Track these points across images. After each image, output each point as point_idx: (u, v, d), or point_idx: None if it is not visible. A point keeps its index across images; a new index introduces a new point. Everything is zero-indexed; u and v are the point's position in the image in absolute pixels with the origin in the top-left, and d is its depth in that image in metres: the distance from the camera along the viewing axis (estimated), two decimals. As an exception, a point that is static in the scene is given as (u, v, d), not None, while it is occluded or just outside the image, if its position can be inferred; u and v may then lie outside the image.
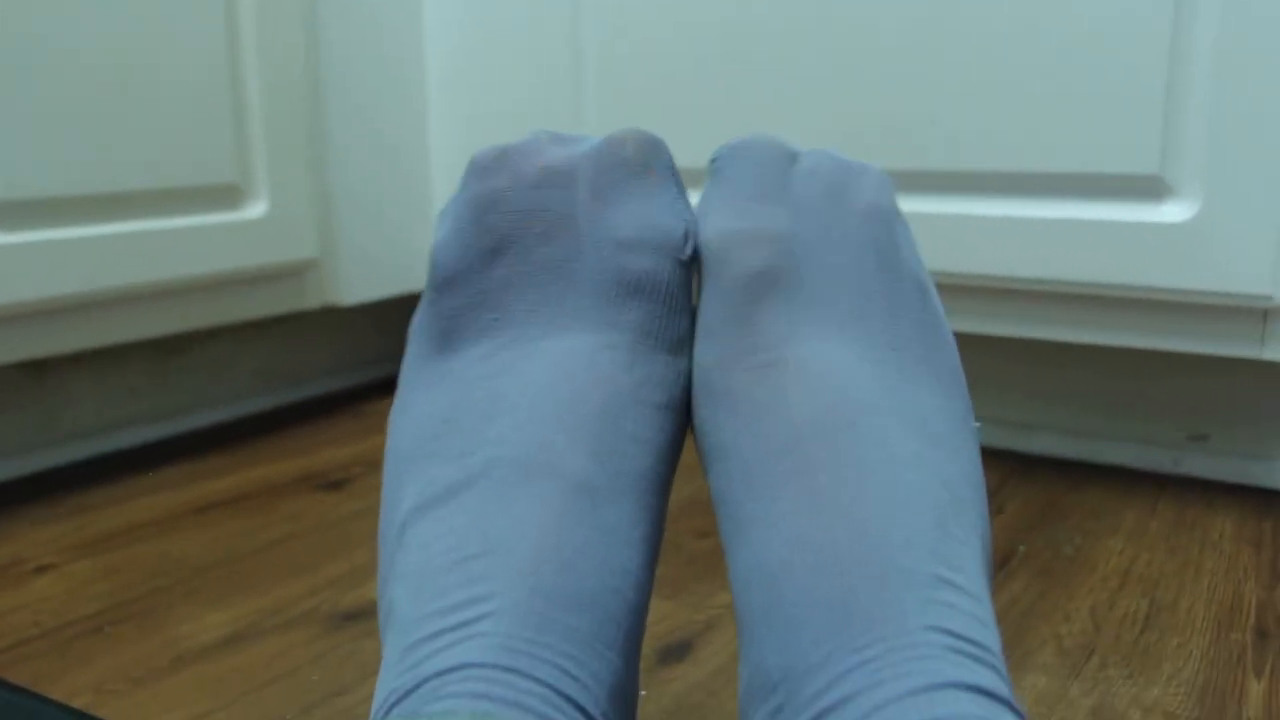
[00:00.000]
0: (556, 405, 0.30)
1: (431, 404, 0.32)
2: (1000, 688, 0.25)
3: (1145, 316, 0.65)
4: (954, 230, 0.68)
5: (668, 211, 0.33)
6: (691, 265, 0.34)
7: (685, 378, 0.33)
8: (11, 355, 0.70)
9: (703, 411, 0.32)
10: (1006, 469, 0.75)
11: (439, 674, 0.26)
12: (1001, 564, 0.59)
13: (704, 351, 0.32)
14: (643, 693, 0.46)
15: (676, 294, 0.33)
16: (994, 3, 0.64)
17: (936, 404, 0.31)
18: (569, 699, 0.26)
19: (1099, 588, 0.56)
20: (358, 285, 0.90)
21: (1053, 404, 0.78)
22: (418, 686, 0.26)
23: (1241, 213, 0.60)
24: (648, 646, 0.50)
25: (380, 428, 0.87)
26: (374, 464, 0.78)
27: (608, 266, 0.32)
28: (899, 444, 0.29)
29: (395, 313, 1.06)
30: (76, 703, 0.46)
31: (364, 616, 0.54)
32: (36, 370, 0.79)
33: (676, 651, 0.50)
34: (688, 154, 0.78)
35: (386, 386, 1.01)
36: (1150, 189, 0.62)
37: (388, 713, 0.26)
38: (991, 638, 0.27)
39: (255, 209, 0.80)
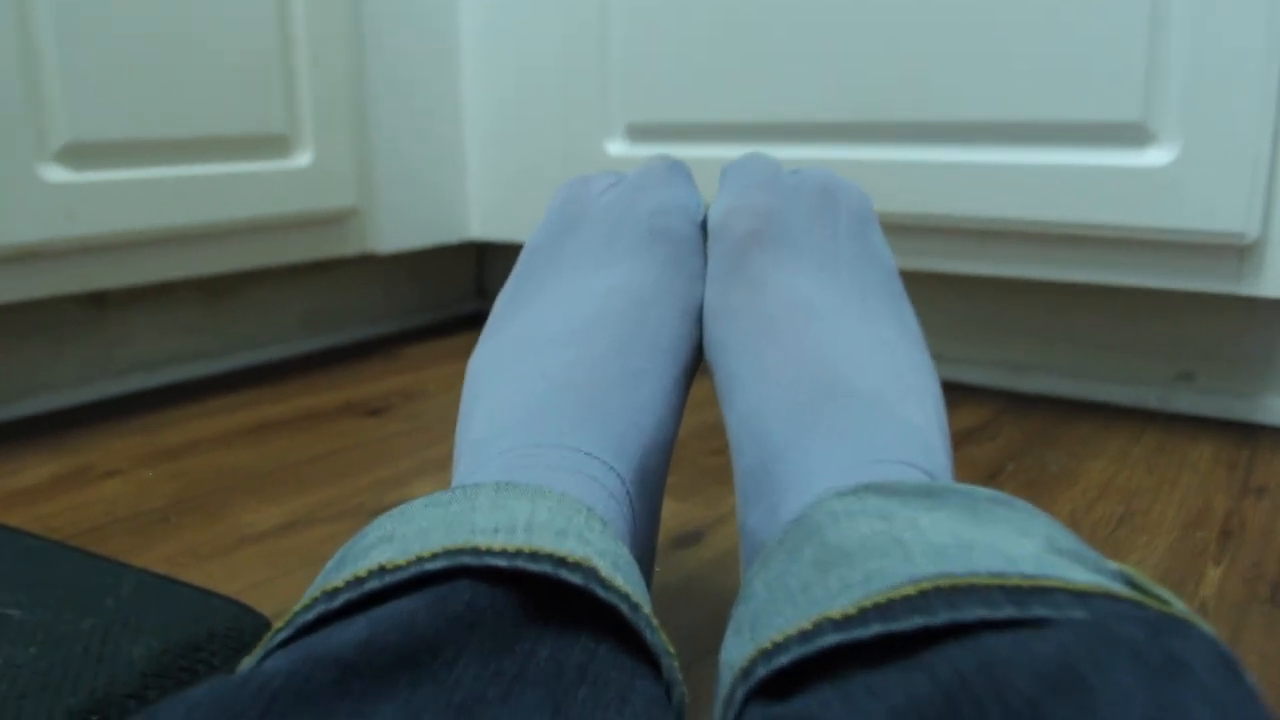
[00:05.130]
0: (604, 309, 0.40)
1: (514, 326, 0.41)
2: (927, 467, 0.31)
3: (1131, 256, 0.70)
4: (952, 176, 0.73)
5: (685, 194, 0.44)
6: (702, 230, 0.44)
7: (700, 300, 0.42)
8: (75, 287, 0.75)
9: (708, 329, 0.40)
10: (1001, 404, 0.80)
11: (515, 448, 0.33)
12: (990, 477, 0.64)
13: (710, 291, 0.41)
14: (657, 568, 0.51)
15: (693, 240, 0.43)
16: (993, -39, 0.69)
17: (894, 335, 0.38)
18: (604, 462, 0.33)
19: (1079, 498, 0.61)
20: (394, 235, 0.95)
21: (1047, 345, 0.83)
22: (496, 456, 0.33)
23: (1219, 156, 0.64)
24: (665, 535, 0.55)
25: (414, 369, 0.93)
26: (410, 395, 0.84)
27: (643, 222, 0.43)
28: (857, 329, 0.37)
29: (429, 263, 1.11)
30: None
31: (406, 511, 0.59)
32: (98, 304, 0.85)
33: (690, 539, 0.55)
34: (707, 106, 0.83)
35: (420, 334, 1.07)
36: (1133, 135, 0.67)
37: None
38: (927, 447, 0.33)
39: (301, 158, 0.85)
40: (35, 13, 0.69)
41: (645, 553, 0.35)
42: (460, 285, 1.17)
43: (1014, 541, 0.24)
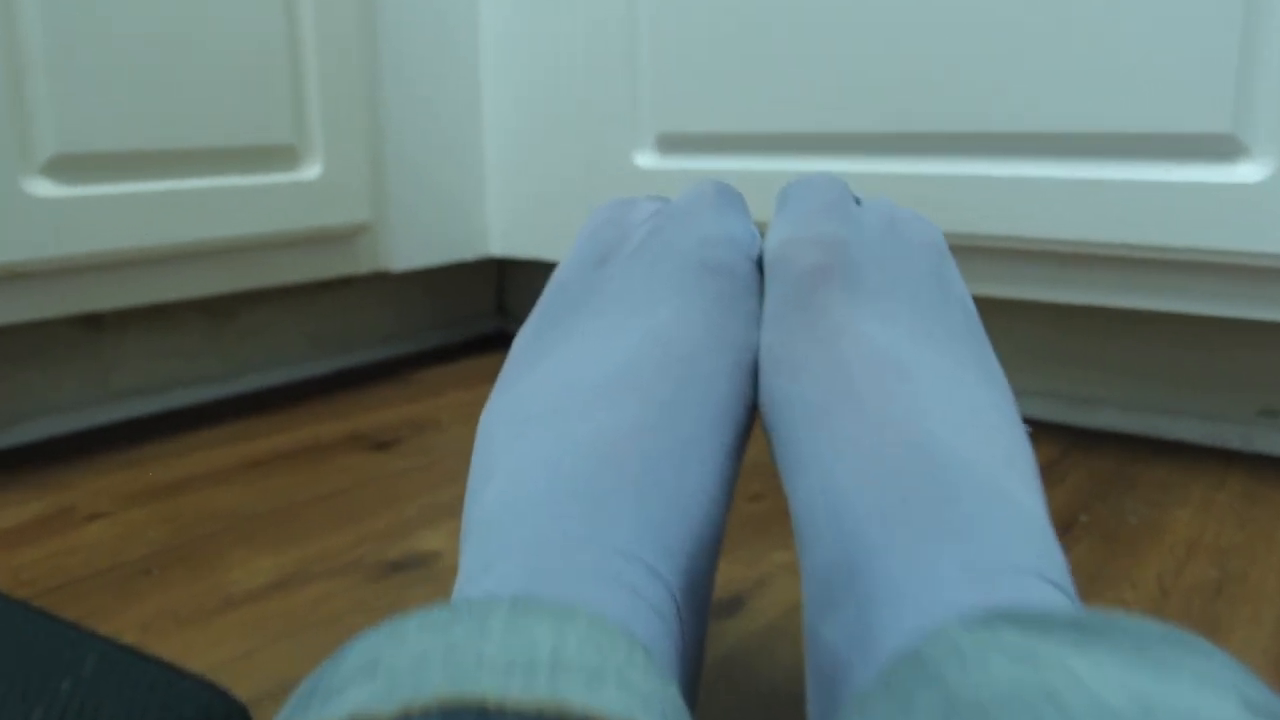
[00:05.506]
0: (642, 359, 0.33)
1: (535, 377, 0.35)
2: (1054, 575, 0.25)
3: (1216, 282, 0.63)
4: (1014, 193, 0.66)
5: (739, 224, 0.38)
6: (758, 267, 0.38)
7: (756, 349, 0.35)
8: (66, 309, 0.70)
9: (768, 383, 0.34)
10: (1068, 442, 0.73)
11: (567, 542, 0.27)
12: (1063, 532, 0.57)
13: (768, 335, 0.35)
14: (692, 643, 0.45)
15: (748, 277, 0.37)
16: (1064, -43, 0.62)
17: (987, 395, 0.32)
18: (647, 564, 0.27)
19: (1166, 556, 0.54)
20: (409, 251, 0.90)
21: (1116, 377, 0.76)
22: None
23: (1322, 173, 0.58)
24: (697, 600, 0.49)
25: (428, 396, 0.87)
26: (422, 427, 0.78)
27: (691, 254, 0.36)
28: (951, 389, 0.31)
29: (445, 280, 1.06)
30: (123, 640, 0.46)
31: (409, 567, 0.54)
32: (92, 326, 0.80)
33: (729, 606, 0.49)
34: (746, 116, 0.77)
35: (435, 355, 1.01)
36: (1223, 148, 0.60)
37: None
38: (1049, 545, 0.26)
39: (310, 170, 0.80)
40: (21, 10, 0.64)
41: (692, 678, 0.29)
42: (480, 303, 1.11)
43: (1204, 700, 0.18)
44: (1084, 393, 0.78)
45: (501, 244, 0.96)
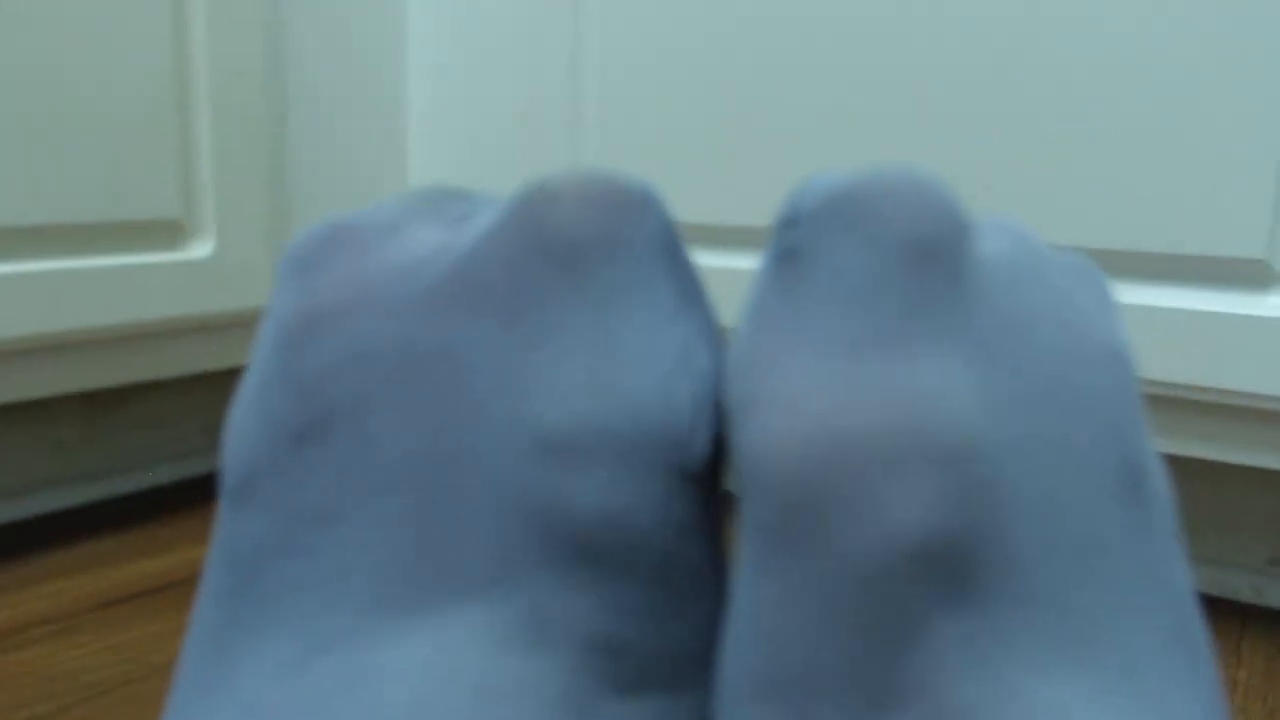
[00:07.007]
0: None
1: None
2: None
3: (1239, 426, 0.55)
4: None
5: (658, 357, 0.15)
6: (712, 483, 0.16)
7: None
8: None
9: None
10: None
11: None
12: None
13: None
14: None
15: (675, 557, 0.15)
16: (1067, 45, 0.54)
17: None
18: None
19: (1189, 773, 0.45)
20: (321, 336, 0.80)
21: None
22: None
23: (1367, 310, 0.49)
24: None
25: (338, 498, 0.77)
26: (321, 549, 0.67)
27: (529, 491, 0.14)
28: None
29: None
30: None
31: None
32: (-61, 424, 0.69)
33: None
34: (704, 204, 0.68)
35: (353, 445, 0.91)
36: (1255, 276, 0.52)
37: None
38: None
39: (200, 249, 0.70)
40: None
41: None
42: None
43: None
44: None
45: (428, 325, 0.86)
